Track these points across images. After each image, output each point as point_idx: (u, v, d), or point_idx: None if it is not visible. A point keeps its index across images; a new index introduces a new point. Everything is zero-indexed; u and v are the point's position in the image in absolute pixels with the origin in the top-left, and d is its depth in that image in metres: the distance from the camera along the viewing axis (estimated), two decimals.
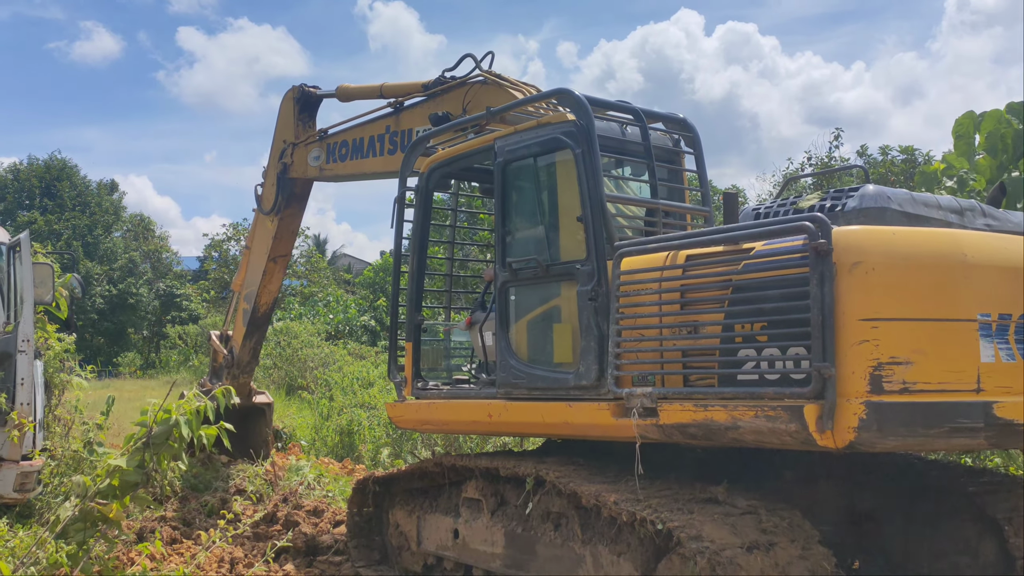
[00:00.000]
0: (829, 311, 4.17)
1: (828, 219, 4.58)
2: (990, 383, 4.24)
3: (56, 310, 8.06)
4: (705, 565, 4.22)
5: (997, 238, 4.69)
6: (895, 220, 4.72)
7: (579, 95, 5.70)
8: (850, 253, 4.24)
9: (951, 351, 4.23)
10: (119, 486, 3.69)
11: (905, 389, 4.13)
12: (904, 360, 4.15)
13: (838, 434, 4.13)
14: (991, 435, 4.24)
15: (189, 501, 10.06)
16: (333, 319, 32.91)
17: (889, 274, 4.23)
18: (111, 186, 52.27)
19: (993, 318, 4.31)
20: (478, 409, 6.17)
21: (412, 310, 6.88)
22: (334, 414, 16.59)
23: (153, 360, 40.25)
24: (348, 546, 7.51)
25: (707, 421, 4.61)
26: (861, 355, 4.13)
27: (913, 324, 4.21)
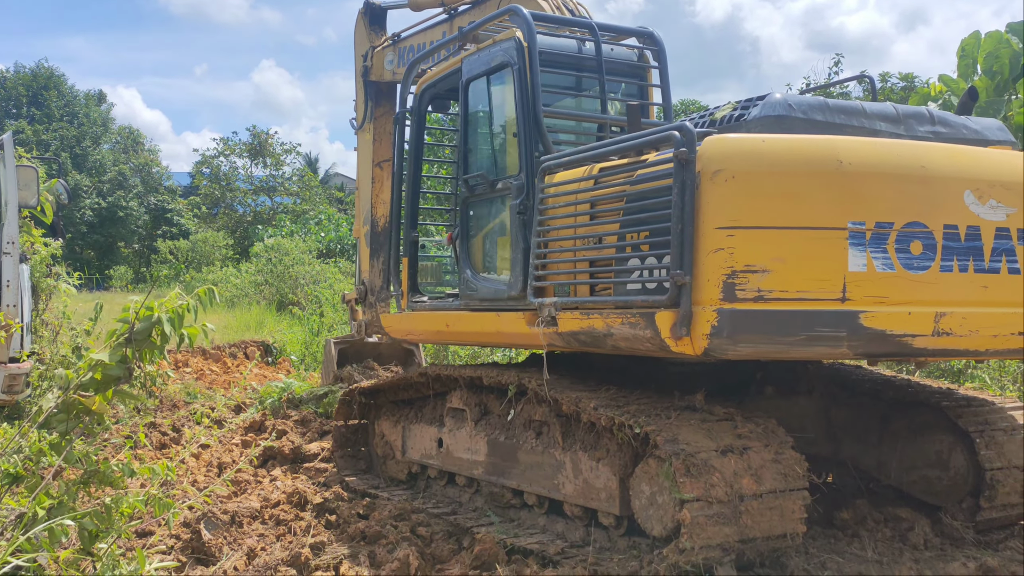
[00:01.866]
0: (689, 220, 4.19)
1: (731, 129, 4.63)
2: (859, 292, 4.18)
3: (41, 215, 8.00)
4: (680, 466, 4.31)
5: (898, 145, 4.51)
6: (797, 127, 4.58)
7: (525, 12, 5.72)
8: (712, 162, 4.21)
9: (814, 260, 4.16)
10: (101, 380, 3.72)
11: (760, 297, 4.12)
12: (760, 268, 4.13)
13: (695, 341, 4.17)
14: (857, 344, 4.20)
15: (180, 409, 10.20)
16: (325, 237, 32.80)
17: (749, 182, 4.19)
18: (99, 97, 51.47)
19: (868, 226, 4.21)
20: (439, 319, 6.45)
21: (408, 227, 7.03)
22: (324, 330, 16.69)
23: (144, 274, 40.22)
24: (334, 455, 7.63)
25: (591, 329, 4.76)
26: (716, 263, 4.14)
27: (772, 232, 4.16)
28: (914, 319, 4.26)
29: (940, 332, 4.30)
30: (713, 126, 4.85)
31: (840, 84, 10.82)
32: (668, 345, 4.29)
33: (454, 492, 6.49)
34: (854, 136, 4.59)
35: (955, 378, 9.04)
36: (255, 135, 44.80)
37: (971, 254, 4.40)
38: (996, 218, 4.47)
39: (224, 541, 5.38)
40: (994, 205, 4.46)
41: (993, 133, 5.12)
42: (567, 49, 6.03)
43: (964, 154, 4.60)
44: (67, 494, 3.64)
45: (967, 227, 4.40)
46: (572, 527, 5.34)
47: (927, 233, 4.32)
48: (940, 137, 4.91)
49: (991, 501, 5.21)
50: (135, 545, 5.03)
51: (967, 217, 4.41)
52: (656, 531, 4.60)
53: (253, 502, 6.25)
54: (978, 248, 4.42)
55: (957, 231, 4.38)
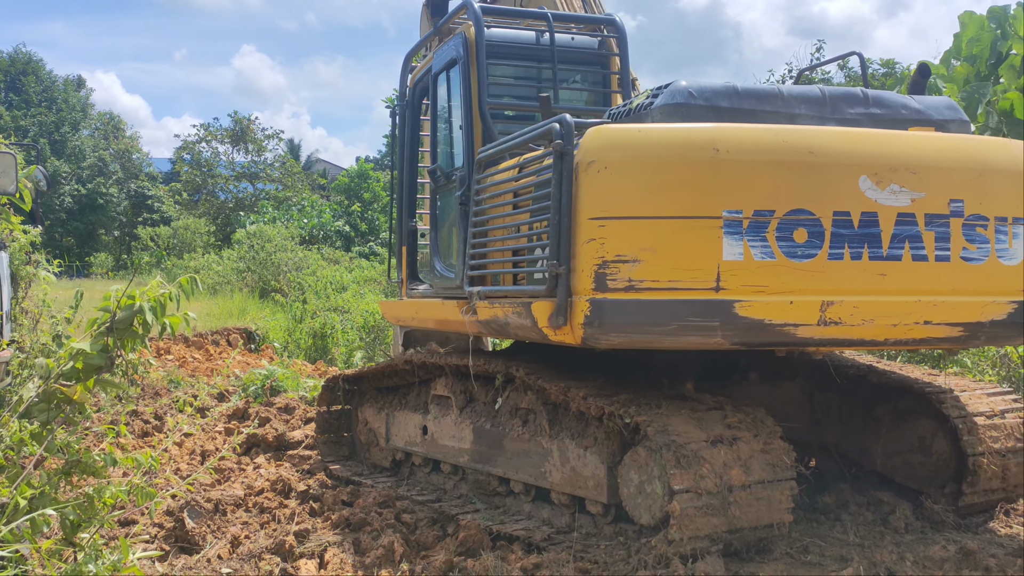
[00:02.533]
0: (566, 211, 4.22)
1: (636, 118, 4.63)
2: (734, 281, 4.12)
3: (20, 202, 7.89)
4: (671, 457, 4.32)
5: (785, 131, 4.34)
6: (698, 115, 4.51)
7: (475, 7, 5.79)
8: (588, 153, 4.23)
9: (686, 249, 4.13)
10: (82, 369, 3.69)
11: (631, 287, 4.12)
12: (631, 258, 4.13)
13: (574, 330, 4.21)
14: (732, 333, 4.16)
15: (162, 397, 10.14)
16: (307, 224, 32.66)
17: (621, 173, 4.18)
18: (78, 82, 50.93)
19: (746, 215, 4.13)
20: (411, 307, 6.70)
21: (405, 217, 7.14)
22: (307, 317, 16.63)
23: (124, 261, 39.93)
24: (318, 442, 7.61)
25: (495, 317, 4.89)
26: (589, 254, 4.16)
27: (643, 222, 4.15)
28: (796, 308, 4.17)
29: (828, 321, 4.19)
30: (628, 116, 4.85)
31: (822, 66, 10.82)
32: (546, 334, 4.35)
33: (439, 479, 6.49)
34: (767, 122, 4.50)
35: (936, 363, 9.12)
36: (236, 121, 44.50)
37: (866, 241, 4.25)
38: (898, 203, 4.31)
39: (208, 529, 5.36)
40: (896, 190, 4.30)
41: (939, 112, 4.89)
42: (526, 41, 6.10)
43: (863, 137, 4.41)
44: (49, 484, 3.61)
45: (862, 213, 4.25)
46: (558, 513, 5.35)
47: (814, 220, 4.19)
48: (873, 119, 4.75)
49: (973, 486, 5.25)
50: (118, 534, 5.00)
51: (862, 203, 4.26)
52: (644, 520, 4.61)
53: (237, 490, 6.23)
54: (875, 235, 4.26)
55: (849, 217, 4.23)
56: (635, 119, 4.66)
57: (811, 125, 4.56)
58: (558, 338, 4.32)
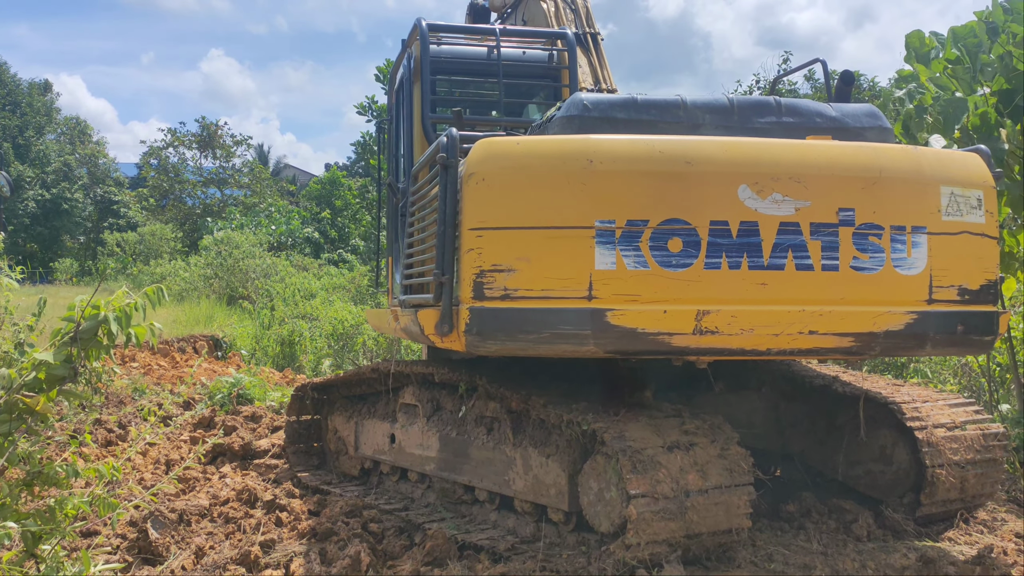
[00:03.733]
0: (450, 222, 4.34)
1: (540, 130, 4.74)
2: (607, 291, 4.16)
3: None
4: (626, 463, 4.36)
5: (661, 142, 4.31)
6: (593, 127, 4.54)
7: (422, 25, 5.99)
8: (470, 165, 4.30)
9: (558, 259, 4.17)
10: (45, 380, 3.65)
11: (506, 295, 4.19)
12: (507, 268, 4.20)
13: (459, 337, 4.31)
14: (604, 342, 4.18)
15: (126, 405, 10.03)
16: (276, 230, 32.46)
17: (498, 184, 4.25)
18: (44, 86, 50.28)
19: (619, 224, 4.17)
20: (382, 316, 6.82)
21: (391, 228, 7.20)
22: (275, 324, 16.54)
23: (90, 267, 39.43)
24: (286, 451, 7.57)
25: (407, 325, 5.17)
26: (469, 263, 4.24)
27: (518, 232, 4.21)
28: (671, 317, 4.18)
29: (704, 331, 4.20)
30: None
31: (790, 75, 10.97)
32: (433, 341, 4.55)
33: (406, 488, 6.48)
34: (666, 133, 4.53)
35: (899, 372, 9.26)
36: (204, 126, 44.15)
37: (745, 251, 4.24)
38: (781, 212, 4.27)
39: (172, 540, 5.31)
40: (778, 199, 4.26)
41: (858, 120, 4.85)
42: (476, 56, 6.22)
43: (745, 147, 4.37)
44: (10, 496, 3.56)
45: (741, 223, 4.24)
46: (523, 523, 5.37)
47: (689, 230, 4.20)
48: (784, 127, 4.73)
49: (931, 497, 5.34)
50: (80, 546, 4.95)
51: (741, 212, 4.24)
52: (604, 527, 4.64)
53: (202, 500, 6.18)
54: (755, 244, 4.24)
55: (727, 227, 4.23)
56: (537, 132, 4.77)
57: (715, 135, 4.57)
58: (445, 345, 4.44)
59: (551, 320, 4.15)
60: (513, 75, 6.19)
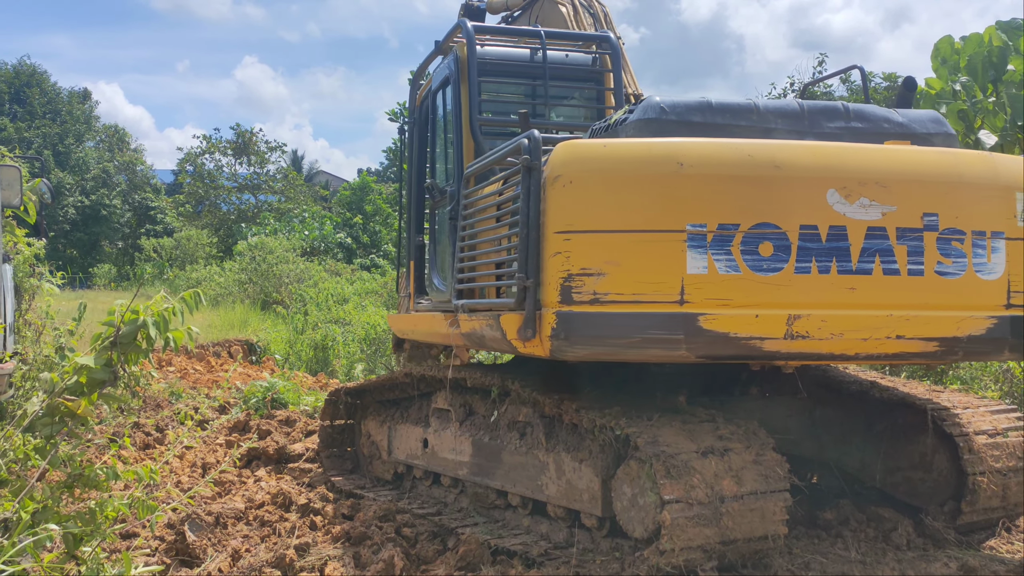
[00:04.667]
0: (534, 225, 4.27)
1: (610, 133, 4.68)
2: (699, 295, 4.13)
3: (24, 214, 7.94)
4: (660, 468, 4.32)
5: (750, 145, 4.31)
6: (670, 131, 4.52)
7: (468, 26, 5.88)
8: (554, 168, 4.26)
9: (649, 263, 4.14)
10: (86, 383, 3.71)
11: (595, 300, 4.15)
12: (596, 271, 4.15)
13: (542, 342, 4.24)
14: (696, 347, 4.16)
15: (164, 409, 10.15)
16: (309, 236, 32.71)
17: (587, 187, 4.21)
18: (83, 94, 51.12)
19: (710, 228, 4.14)
20: (411, 320, 6.73)
21: (412, 232, 7.16)
22: (308, 329, 16.65)
23: (127, 272, 39.99)
24: (320, 455, 7.62)
25: (474, 330, 4.94)
26: (555, 267, 4.20)
27: (607, 236, 4.17)
28: (762, 322, 4.16)
29: (795, 335, 4.17)
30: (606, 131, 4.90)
31: (825, 80, 10.84)
32: (515, 346, 4.40)
33: (439, 492, 6.49)
34: (741, 137, 4.49)
35: (938, 378, 9.12)
36: (239, 133, 44.63)
37: (834, 255, 4.24)
38: (868, 217, 4.28)
39: (208, 542, 5.36)
40: (866, 204, 4.28)
41: (924, 126, 4.86)
42: (520, 58, 6.19)
43: (832, 152, 4.39)
44: (52, 498, 3.62)
45: (830, 227, 4.24)
46: (556, 528, 5.35)
47: (779, 234, 4.19)
48: (854, 132, 4.72)
49: (972, 505, 5.24)
50: (119, 548, 5.01)
51: (830, 216, 4.25)
52: (637, 533, 4.61)
53: (237, 503, 6.23)
54: (843, 249, 4.25)
55: (817, 231, 4.22)
56: (611, 134, 4.71)
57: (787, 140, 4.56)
58: (527, 350, 4.36)
59: (642, 325, 4.13)
60: (557, 78, 6.17)
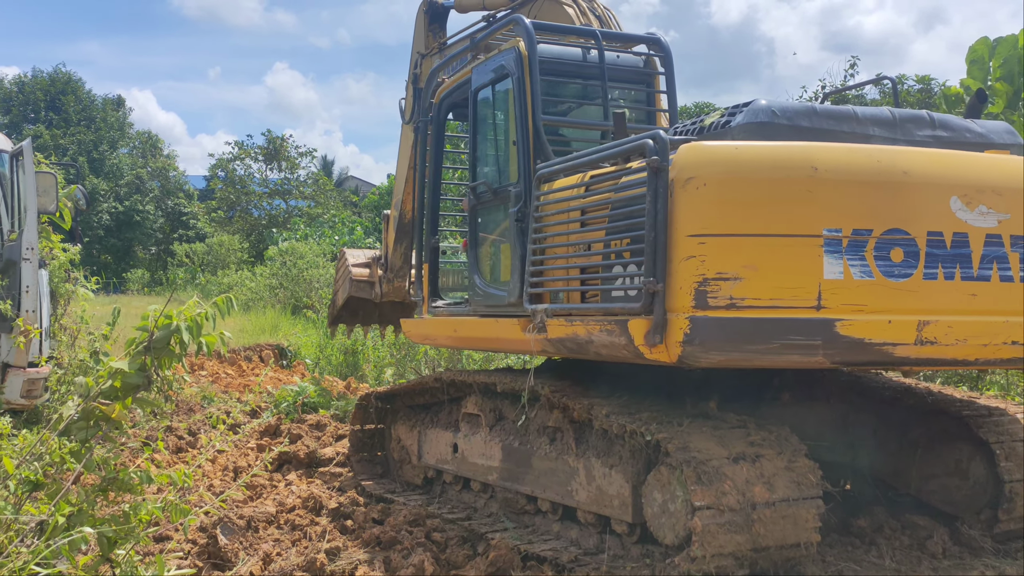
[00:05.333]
0: (662, 227, 4.19)
1: (715, 136, 4.60)
2: (835, 300, 4.12)
3: (60, 220, 8.07)
4: (691, 474, 4.29)
5: (878, 151, 4.38)
6: (781, 134, 4.50)
7: (526, 22, 5.76)
8: (685, 170, 4.20)
9: (787, 268, 4.12)
10: (121, 388, 3.75)
11: (732, 305, 4.09)
12: (732, 276, 4.10)
13: (669, 348, 4.16)
14: (833, 352, 4.14)
15: (195, 413, 10.25)
16: (339, 240, 32.90)
17: (722, 190, 4.16)
18: (117, 102, 51.82)
19: (845, 234, 4.15)
20: (449, 325, 6.50)
21: (429, 234, 7.08)
22: (338, 334, 16.73)
23: (160, 277, 40.45)
24: (350, 459, 7.65)
25: (575, 336, 4.79)
26: (688, 271, 4.13)
27: (745, 240, 4.13)
28: (895, 327, 4.18)
29: (924, 341, 4.19)
30: (701, 133, 4.85)
31: (858, 87, 10.71)
32: (642, 352, 4.30)
33: (469, 497, 6.49)
34: (844, 142, 4.51)
35: (974, 384, 8.98)
36: (270, 139, 45.01)
37: (958, 261, 4.30)
38: (986, 224, 4.36)
39: (240, 546, 5.41)
40: (984, 211, 4.34)
41: (1000, 136, 4.96)
42: (572, 57, 6.07)
43: (952, 159, 4.47)
44: (87, 501, 3.66)
45: (953, 234, 4.31)
46: (586, 534, 5.33)
47: (909, 240, 4.23)
48: (940, 141, 4.78)
49: (1009, 513, 5.16)
50: (153, 551, 5.06)
51: (953, 223, 4.31)
52: (668, 539, 4.59)
53: (269, 507, 6.28)
54: (966, 255, 4.31)
55: (942, 238, 4.28)
56: (712, 137, 4.65)
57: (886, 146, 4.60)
58: (653, 357, 4.27)
59: (781, 330, 4.10)
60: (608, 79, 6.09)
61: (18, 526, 3.45)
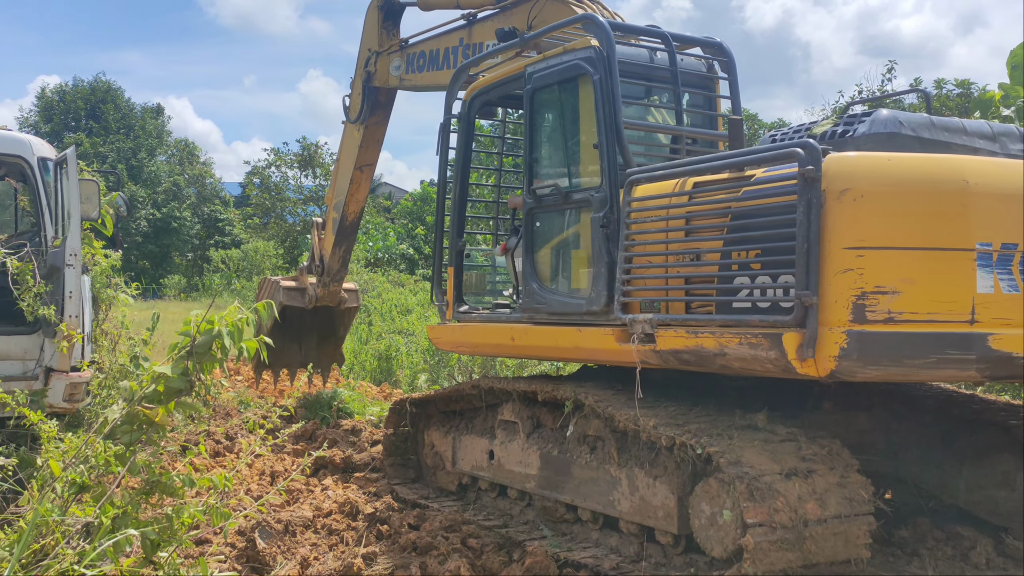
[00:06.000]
0: (815, 239, 4.12)
1: (837, 145, 4.52)
2: (986, 314, 4.09)
3: (102, 227, 8.17)
4: (744, 490, 4.24)
5: (1012, 165, 4.43)
6: (907, 145, 4.51)
7: (602, 21, 5.64)
8: (839, 180, 4.14)
9: (943, 281, 4.09)
10: (164, 392, 3.79)
11: (890, 319, 4.05)
12: (890, 289, 4.05)
13: (820, 362, 4.09)
14: (985, 367, 4.10)
15: (232, 417, 10.34)
16: (372, 247, 33.07)
17: (879, 202, 4.11)
18: (157, 110, 52.55)
19: (995, 247, 4.12)
20: (503, 332, 6.31)
21: (455, 236, 6.94)
22: (372, 339, 16.80)
23: (196, 283, 40.91)
24: (384, 465, 7.66)
25: (698, 348, 4.66)
26: (845, 284, 4.07)
27: (902, 253, 4.09)
28: None
29: None
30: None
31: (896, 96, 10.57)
32: (794, 367, 4.19)
33: (505, 504, 6.47)
34: (957, 154, 4.53)
35: (1016, 393, 8.80)
36: (305, 146, 45.38)
37: None
38: None
39: (278, 550, 5.43)
40: None
41: None
42: (639, 58, 5.97)
43: None
44: (131, 503, 3.70)
45: None
46: (626, 542, 5.29)
47: None
48: None
49: None
50: (194, 554, 5.10)
51: None
52: (716, 552, 4.53)
53: (306, 511, 6.30)
54: None
55: None
56: (837, 147, 4.57)
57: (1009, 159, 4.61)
58: (804, 370, 4.20)
59: (938, 345, 4.09)
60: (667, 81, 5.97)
61: (64, 528, 3.50)
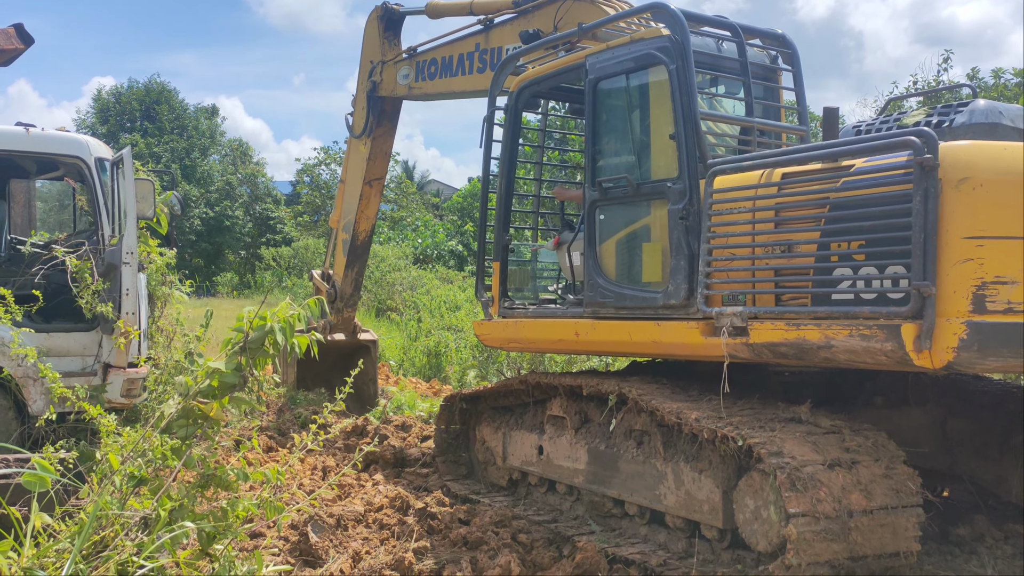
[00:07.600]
0: (932, 229, 4.03)
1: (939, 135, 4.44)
2: None
3: (157, 225, 8.34)
4: (785, 480, 4.21)
5: None
6: (1007, 135, 4.46)
7: (675, 9, 5.56)
8: (957, 169, 4.05)
9: None
10: (218, 387, 3.86)
11: (1010, 309, 3.97)
12: (1011, 280, 3.98)
13: (936, 354, 4.02)
14: None
15: (284, 413, 10.48)
16: (421, 243, 33.30)
17: (998, 191, 4.03)
18: (211, 110, 53.39)
19: None
20: (566, 328, 6.20)
21: (500, 230, 6.92)
22: (422, 336, 16.92)
23: (248, 280, 41.55)
24: (435, 460, 7.72)
25: (799, 340, 4.55)
26: (964, 274, 3.99)
27: (1021, 243, 4.01)
28: None
29: None
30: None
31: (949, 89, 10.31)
32: (911, 358, 4.12)
33: (554, 499, 6.49)
34: None
35: None
36: None
37: None
38: None
39: (330, 544, 5.50)
40: None
41: None
42: (707, 48, 5.91)
43: None
44: (187, 497, 3.78)
45: None
46: (674, 537, 5.27)
47: None
48: None
49: None
50: (248, 547, 5.19)
51: None
52: (761, 546, 4.50)
53: (357, 506, 6.38)
54: None
55: None
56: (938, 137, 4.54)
57: None
58: (920, 362, 4.14)
59: None
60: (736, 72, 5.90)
61: (123, 520, 3.58)
